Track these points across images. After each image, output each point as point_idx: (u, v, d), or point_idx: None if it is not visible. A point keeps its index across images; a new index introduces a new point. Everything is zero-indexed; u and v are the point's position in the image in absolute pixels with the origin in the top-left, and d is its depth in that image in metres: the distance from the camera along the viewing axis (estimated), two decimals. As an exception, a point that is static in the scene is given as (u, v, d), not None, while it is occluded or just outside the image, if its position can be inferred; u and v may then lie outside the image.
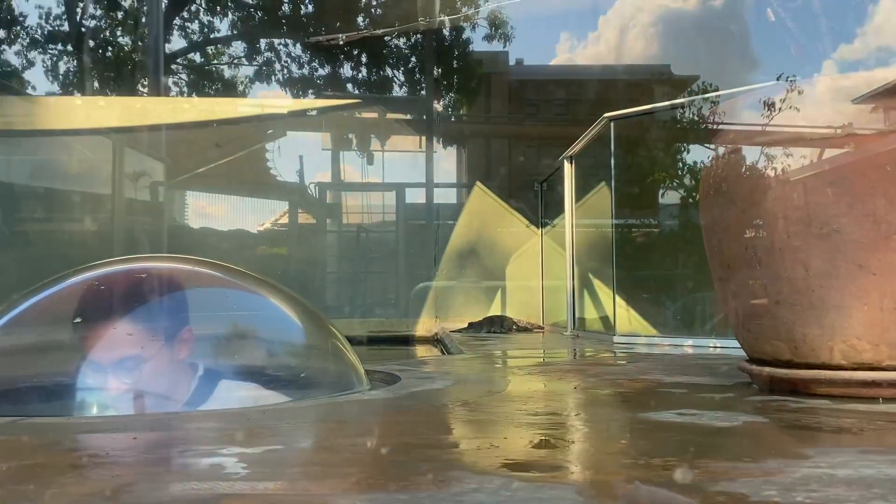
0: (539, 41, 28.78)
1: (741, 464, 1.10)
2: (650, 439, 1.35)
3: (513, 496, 0.92)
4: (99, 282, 2.07)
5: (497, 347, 4.09)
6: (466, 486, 0.99)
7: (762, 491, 0.93)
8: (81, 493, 0.96)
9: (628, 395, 1.95)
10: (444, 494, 0.94)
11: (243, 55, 17.58)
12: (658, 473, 1.05)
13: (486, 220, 7.89)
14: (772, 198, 1.82)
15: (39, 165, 8.22)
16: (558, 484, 0.98)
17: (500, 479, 1.01)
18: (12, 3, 15.98)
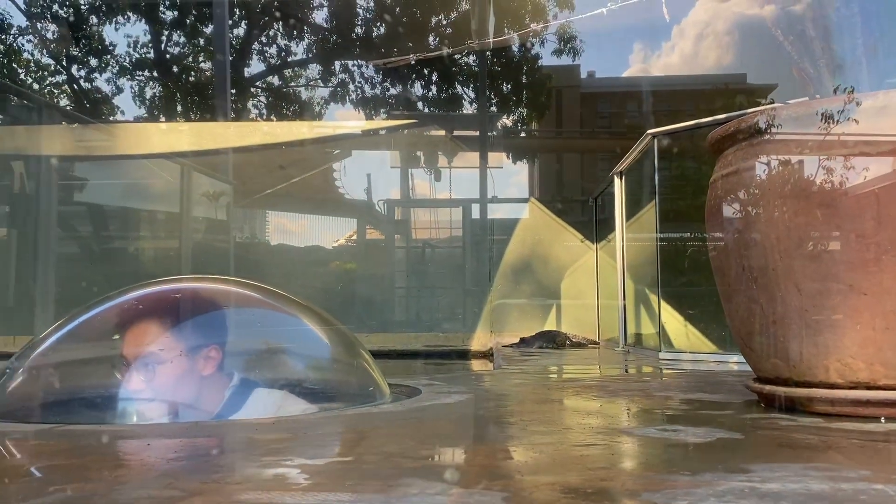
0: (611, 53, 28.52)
1: (677, 476, 1.16)
2: (613, 452, 1.41)
3: (447, 499, 1.02)
4: (141, 300, 2.27)
5: (539, 362, 4.15)
6: (410, 490, 1.09)
7: (674, 501, 1.00)
8: (79, 489, 1.12)
9: (629, 411, 2.00)
10: (391, 498, 1.04)
11: (318, 77, 18.19)
12: (595, 480, 1.13)
13: (540, 235, 7.93)
14: (764, 219, 1.85)
15: (123, 187, 8.76)
16: (488, 492, 1.07)
17: (441, 486, 1.11)
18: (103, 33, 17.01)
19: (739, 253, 1.95)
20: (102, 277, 7.71)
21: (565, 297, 7.20)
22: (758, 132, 1.98)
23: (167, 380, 1.89)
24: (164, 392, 1.93)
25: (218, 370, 2.01)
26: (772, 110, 1.98)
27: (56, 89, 17.78)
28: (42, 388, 2.17)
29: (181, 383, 1.92)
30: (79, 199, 8.34)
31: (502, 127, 15.71)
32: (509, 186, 24.84)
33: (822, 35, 2.96)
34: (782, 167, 1.88)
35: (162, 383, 1.89)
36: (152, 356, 1.90)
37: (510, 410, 2.05)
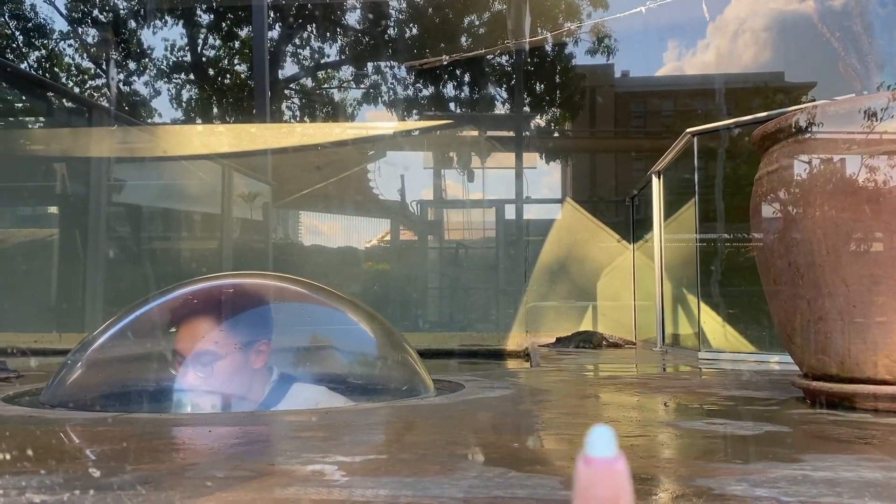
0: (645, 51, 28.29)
1: (729, 465, 1.18)
2: (663, 442, 1.44)
3: (504, 482, 1.06)
4: (193, 295, 2.34)
5: (577, 361, 4.16)
6: (469, 473, 1.13)
7: (728, 486, 1.03)
8: (154, 469, 1.17)
9: (672, 406, 2.02)
10: (446, 480, 1.08)
11: (351, 79, 18.34)
12: (648, 467, 1.16)
13: (576, 235, 7.92)
14: (810, 215, 1.86)
15: (162, 188, 8.94)
16: (546, 476, 1.10)
17: (500, 470, 1.15)
18: (141, 37, 17.34)
19: (785, 249, 1.96)
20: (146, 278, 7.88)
21: (601, 298, 7.19)
22: (803, 129, 1.98)
23: (223, 375, 1.95)
24: (219, 385, 1.99)
25: (268, 367, 2.07)
26: (817, 107, 1.98)
27: (96, 92, 18.18)
28: (100, 379, 2.26)
29: (235, 377, 1.98)
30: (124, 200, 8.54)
31: (535, 127, 15.69)
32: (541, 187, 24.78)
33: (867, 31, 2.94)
34: (829, 164, 1.88)
35: (218, 378, 1.95)
36: (208, 353, 1.96)
37: (555, 404, 2.08)
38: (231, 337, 2.07)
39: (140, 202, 8.79)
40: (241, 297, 2.38)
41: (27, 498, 0.93)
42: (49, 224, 8.65)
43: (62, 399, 2.16)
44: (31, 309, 7.59)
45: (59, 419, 1.79)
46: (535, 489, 1.00)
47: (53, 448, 1.41)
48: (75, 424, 1.70)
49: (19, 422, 1.71)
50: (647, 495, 1.02)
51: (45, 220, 8.87)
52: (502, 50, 12.16)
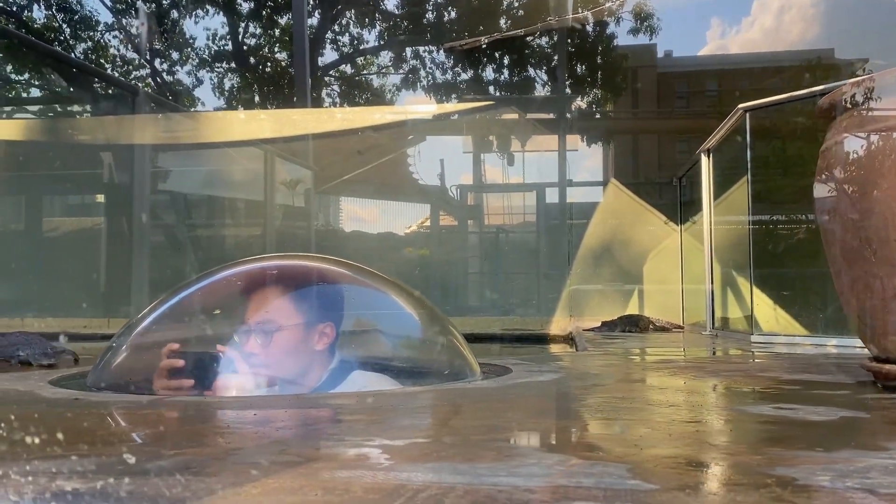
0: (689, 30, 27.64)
1: (810, 453, 1.09)
2: (731, 428, 1.35)
3: (566, 471, 0.99)
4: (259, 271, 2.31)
5: (625, 345, 4.06)
6: (528, 460, 1.06)
7: (814, 476, 0.94)
8: (197, 454, 1.13)
9: (733, 390, 1.92)
10: (503, 467, 1.02)
11: (390, 64, 18.29)
12: (719, 455, 1.08)
13: (622, 217, 7.76)
14: (885, 187, 1.74)
15: (206, 175, 9.02)
16: (610, 463, 1.03)
17: (559, 457, 1.07)
18: (184, 27, 17.53)
19: (855, 225, 1.84)
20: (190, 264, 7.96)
21: (648, 282, 7.03)
22: (875, 96, 1.85)
23: (281, 347, 1.91)
24: (276, 360, 1.94)
25: (329, 350, 2.02)
26: (893, 73, 1.85)
27: (140, 82, 18.44)
28: (144, 363, 2.24)
29: (293, 353, 1.94)
30: (169, 187, 8.64)
31: (576, 109, 15.46)
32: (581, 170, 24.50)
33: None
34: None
35: (276, 350, 1.90)
36: (270, 322, 1.92)
37: (608, 388, 2.00)
38: (295, 310, 2.02)
39: (184, 189, 8.88)
40: (307, 276, 2.33)
41: (63, 483, 0.89)
42: (96, 212, 8.80)
43: (107, 382, 2.15)
44: (81, 295, 7.73)
45: (103, 402, 1.77)
46: (601, 477, 0.93)
47: (96, 431, 1.38)
48: (119, 407, 1.68)
49: (64, 404, 1.69)
50: (725, 485, 0.94)
51: (93, 209, 9.02)
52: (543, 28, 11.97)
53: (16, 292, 7.38)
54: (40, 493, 0.83)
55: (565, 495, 0.85)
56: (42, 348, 2.10)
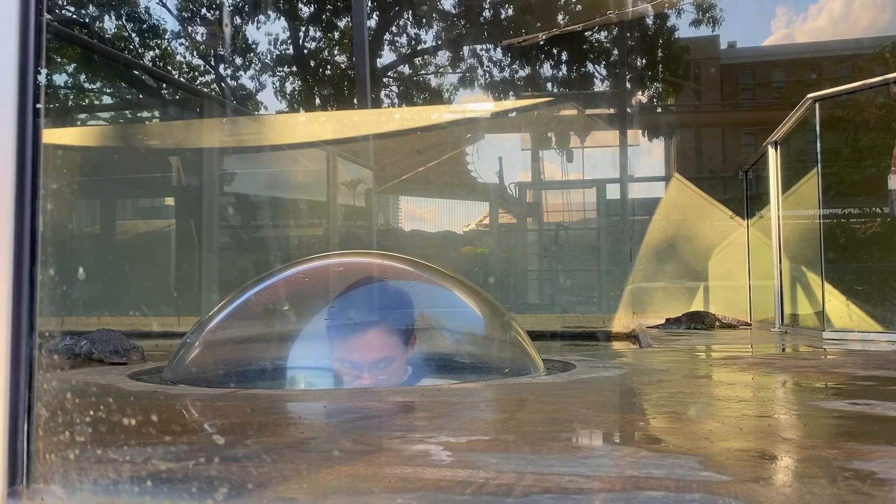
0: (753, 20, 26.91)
1: (889, 447, 1.07)
2: (804, 422, 1.33)
3: (636, 462, 0.99)
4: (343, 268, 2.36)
5: (690, 342, 3.99)
6: (595, 452, 1.07)
7: (893, 470, 0.92)
8: (274, 442, 1.17)
9: (805, 386, 1.88)
10: (571, 458, 1.02)
11: (448, 63, 18.35)
12: (793, 449, 1.06)
13: (685, 213, 7.61)
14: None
15: (270, 177, 9.23)
16: (681, 456, 1.02)
17: (628, 449, 1.08)
18: (246, 32, 17.95)
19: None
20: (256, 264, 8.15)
21: (713, 278, 6.88)
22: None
23: (399, 375, 1.99)
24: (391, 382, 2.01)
25: None
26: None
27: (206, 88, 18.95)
28: (216, 357, 2.32)
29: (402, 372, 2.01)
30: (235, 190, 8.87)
31: (637, 103, 15.22)
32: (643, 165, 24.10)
33: None
34: None
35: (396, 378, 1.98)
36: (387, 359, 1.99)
37: (675, 383, 1.98)
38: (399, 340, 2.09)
39: (250, 191, 9.11)
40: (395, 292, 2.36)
41: (157, 463, 0.93)
42: (167, 215, 9.09)
43: (182, 376, 2.23)
44: (153, 294, 8.01)
45: (181, 394, 1.84)
46: (672, 469, 0.93)
47: (177, 420, 1.44)
48: (195, 399, 1.74)
49: (146, 396, 1.76)
50: (800, 477, 0.93)
51: (163, 212, 9.32)
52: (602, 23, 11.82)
53: (92, 292, 7.69)
54: (136, 473, 0.88)
55: (636, 485, 0.86)
56: (114, 345, 2.19)
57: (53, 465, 0.83)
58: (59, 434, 0.87)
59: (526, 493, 0.83)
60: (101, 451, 0.96)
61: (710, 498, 0.80)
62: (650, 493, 0.81)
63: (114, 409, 1.51)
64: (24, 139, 0.85)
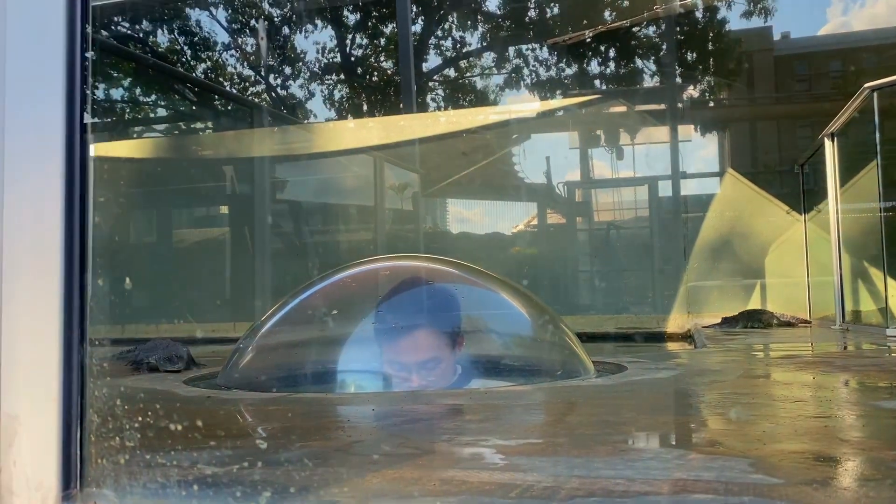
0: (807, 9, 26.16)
1: (954, 449, 1.02)
2: (864, 423, 1.28)
3: (685, 464, 0.97)
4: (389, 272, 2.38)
5: (747, 341, 3.90)
6: (644, 454, 1.05)
7: (958, 472, 0.88)
8: (323, 445, 1.18)
9: (866, 385, 1.82)
10: (619, 461, 1.01)
11: (493, 65, 18.32)
12: (851, 451, 1.03)
13: (740, 209, 7.43)
14: None
15: (319, 183, 9.35)
16: (731, 458, 1.00)
17: (677, 451, 1.05)
18: (295, 42, 18.24)
19: None
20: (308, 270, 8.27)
21: (770, 275, 6.70)
22: None
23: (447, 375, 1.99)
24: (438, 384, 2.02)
25: None
26: None
27: (256, 98, 19.33)
28: (268, 362, 2.35)
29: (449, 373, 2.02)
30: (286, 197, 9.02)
31: (688, 98, 14.95)
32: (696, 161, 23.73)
33: None
34: None
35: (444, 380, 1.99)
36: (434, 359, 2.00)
37: (728, 384, 1.93)
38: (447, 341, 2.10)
39: (300, 198, 9.24)
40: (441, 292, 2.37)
41: (203, 467, 0.95)
42: (221, 223, 9.28)
43: (236, 381, 2.27)
44: (209, 301, 8.19)
45: (232, 399, 1.88)
46: (721, 471, 0.91)
47: (226, 425, 1.46)
48: (248, 403, 1.77)
49: (198, 401, 1.80)
50: (857, 480, 0.90)
51: (217, 220, 9.52)
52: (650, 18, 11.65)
53: (150, 300, 7.91)
54: (184, 477, 0.90)
55: (684, 488, 0.84)
56: (168, 353, 2.25)
57: (105, 469, 0.85)
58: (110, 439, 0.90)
59: (571, 496, 0.82)
60: (150, 456, 0.98)
61: (759, 501, 0.77)
62: (697, 496, 0.80)
63: (162, 414, 1.55)
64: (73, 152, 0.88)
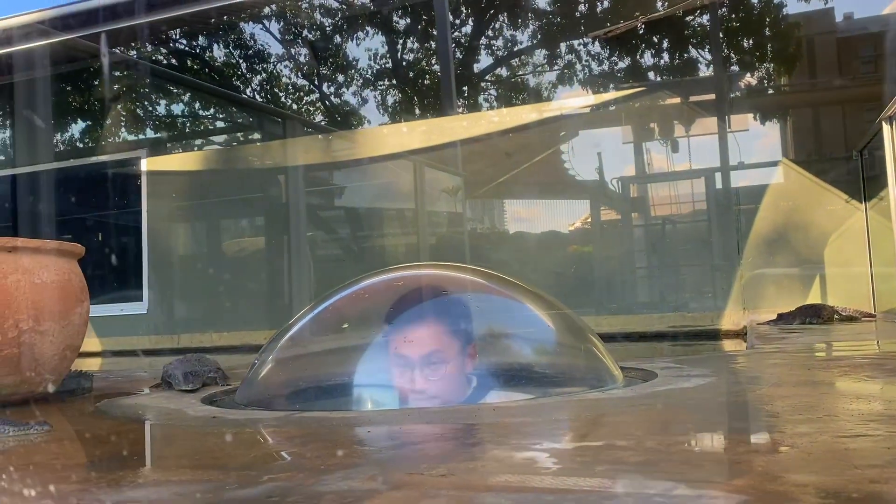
0: (872, -13, 25.06)
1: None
2: (886, 444, 1.14)
3: (669, 502, 0.87)
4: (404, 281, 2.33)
5: (801, 340, 3.68)
6: (648, 491, 0.95)
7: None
8: (289, 478, 1.12)
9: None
10: (594, 497, 0.91)
11: (545, 61, 18.13)
12: (847, 482, 0.91)
13: (796, 199, 7.12)
14: None
15: (366, 189, 9.40)
16: (720, 493, 0.89)
17: (665, 485, 0.95)
18: (347, 50, 18.43)
19: None
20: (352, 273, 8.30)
21: (830, 267, 6.39)
22: None
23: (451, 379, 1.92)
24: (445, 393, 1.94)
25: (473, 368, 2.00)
26: None
27: (311, 107, 19.59)
28: (277, 378, 2.31)
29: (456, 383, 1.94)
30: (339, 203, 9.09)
31: (745, 86, 14.47)
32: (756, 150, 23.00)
33: None
34: None
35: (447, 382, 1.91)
36: (438, 353, 1.92)
37: (759, 395, 1.79)
38: (456, 339, 2.02)
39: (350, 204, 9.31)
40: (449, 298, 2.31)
41: None
42: (266, 232, 9.41)
43: (253, 398, 2.23)
44: (262, 310, 8.30)
45: (240, 420, 1.83)
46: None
47: (201, 453, 1.41)
48: (247, 425, 1.71)
49: (201, 423, 1.76)
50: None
51: (263, 229, 9.66)
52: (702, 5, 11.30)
53: (200, 311, 8.07)
54: None
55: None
56: (187, 368, 2.23)
57: None
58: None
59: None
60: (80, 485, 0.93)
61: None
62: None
63: (157, 439, 1.51)
64: None
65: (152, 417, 1.89)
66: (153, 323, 7.76)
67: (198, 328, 7.42)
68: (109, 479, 1.13)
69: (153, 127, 12.90)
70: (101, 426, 1.83)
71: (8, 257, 2.15)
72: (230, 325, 7.16)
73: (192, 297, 8.29)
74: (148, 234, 7.97)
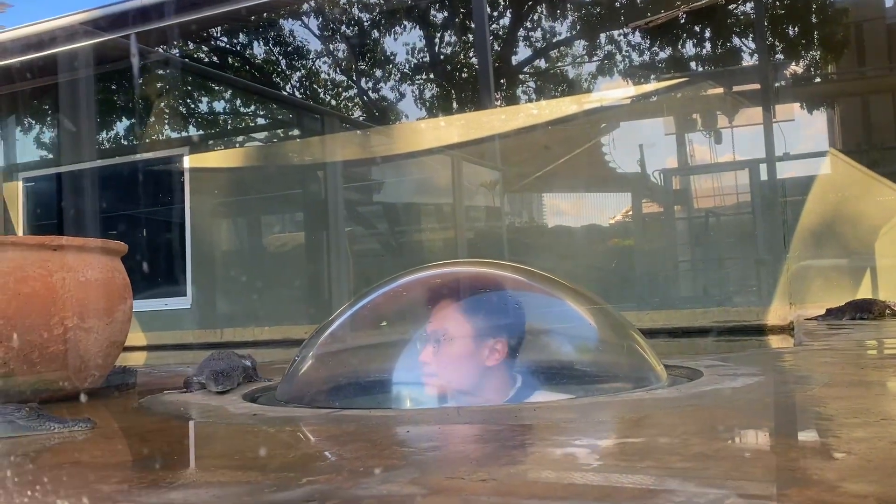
0: (925, -30, 24.23)
1: None
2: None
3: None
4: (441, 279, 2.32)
5: (852, 336, 3.57)
6: (675, 497, 0.91)
7: None
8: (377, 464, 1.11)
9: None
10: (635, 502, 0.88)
11: (584, 53, 17.93)
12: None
13: (845, 190, 6.92)
14: None
15: (403, 184, 9.42)
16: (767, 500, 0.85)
17: (714, 493, 0.91)
18: (385, 45, 18.47)
19: None
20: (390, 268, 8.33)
21: (881, 259, 6.20)
22: None
23: (449, 357, 1.90)
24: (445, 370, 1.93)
25: (504, 366, 1.96)
26: None
27: (350, 103, 19.68)
28: (318, 374, 2.31)
29: (462, 366, 1.92)
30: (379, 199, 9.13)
31: (791, 75, 14.12)
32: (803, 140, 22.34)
33: None
34: None
35: (445, 360, 1.89)
36: (442, 330, 1.92)
37: (810, 396, 1.73)
38: (465, 322, 2.01)
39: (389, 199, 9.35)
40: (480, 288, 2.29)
41: None
42: (306, 227, 9.48)
43: (293, 394, 2.23)
44: (302, 305, 8.38)
45: (280, 418, 1.83)
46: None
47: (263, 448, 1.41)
48: (298, 423, 1.71)
49: (242, 419, 1.76)
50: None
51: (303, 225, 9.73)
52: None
53: (242, 305, 8.17)
54: None
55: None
56: (216, 367, 2.24)
57: None
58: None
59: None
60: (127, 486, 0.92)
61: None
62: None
63: (199, 437, 1.52)
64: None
65: (194, 414, 1.90)
66: (196, 317, 7.89)
67: (240, 322, 7.52)
68: (150, 480, 1.14)
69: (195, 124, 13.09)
70: (143, 423, 1.84)
71: (53, 255, 2.19)
72: (271, 320, 7.24)
73: (233, 292, 8.40)
74: (191, 230, 8.10)
